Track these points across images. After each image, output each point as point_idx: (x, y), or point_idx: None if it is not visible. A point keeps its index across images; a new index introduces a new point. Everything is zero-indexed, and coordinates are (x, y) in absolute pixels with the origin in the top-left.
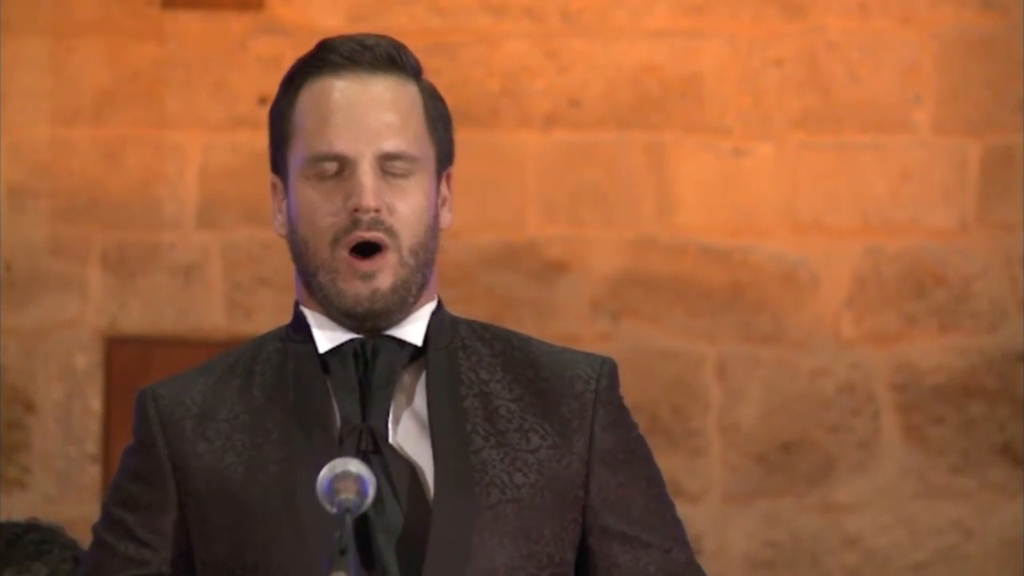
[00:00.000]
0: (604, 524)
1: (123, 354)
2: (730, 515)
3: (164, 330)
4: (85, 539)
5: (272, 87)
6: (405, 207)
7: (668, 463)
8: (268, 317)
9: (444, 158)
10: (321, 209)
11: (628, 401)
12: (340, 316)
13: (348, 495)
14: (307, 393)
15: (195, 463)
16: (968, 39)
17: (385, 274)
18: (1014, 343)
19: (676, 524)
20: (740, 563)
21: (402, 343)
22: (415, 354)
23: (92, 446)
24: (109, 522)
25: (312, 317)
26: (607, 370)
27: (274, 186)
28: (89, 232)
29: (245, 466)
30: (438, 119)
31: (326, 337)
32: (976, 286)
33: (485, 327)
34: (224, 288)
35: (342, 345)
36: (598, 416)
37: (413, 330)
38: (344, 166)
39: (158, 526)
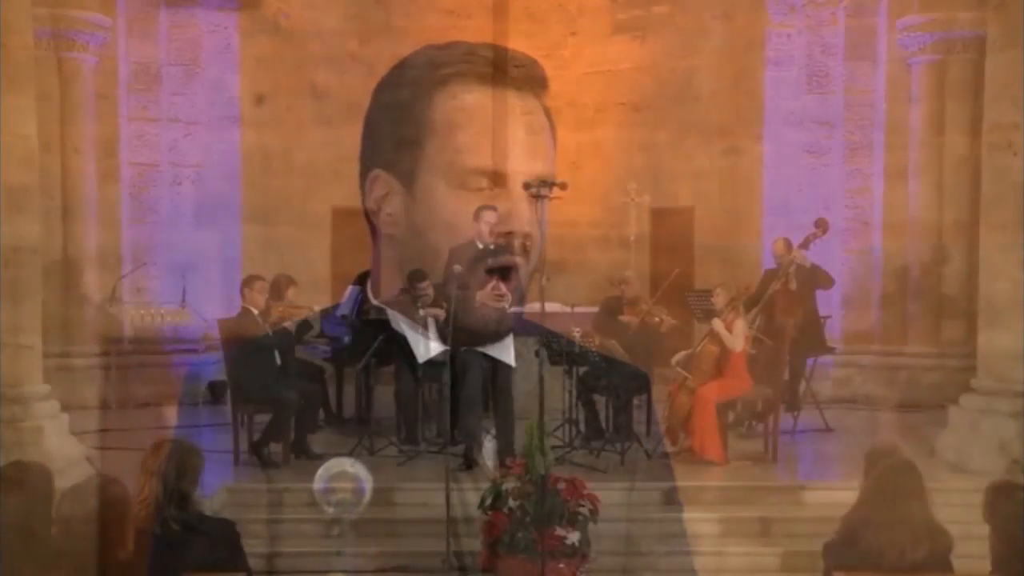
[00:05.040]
0: None
1: (124, 353)
2: (732, 515)
3: (163, 329)
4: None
5: (271, 86)
6: (539, 233)
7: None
8: None
9: None
10: (466, 221)
11: None
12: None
13: (345, 495)
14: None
15: None
16: (968, 39)
17: (510, 297)
18: (1015, 343)
19: None
20: (743, 563)
21: (488, 358)
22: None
23: (91, 446)
24: None
25: (397, 317)
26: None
27: (377, 178)
28: (89, 231)
29: None
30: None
31: (420, 345)
32: (976, 285)
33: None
34: (223, 286)
35: (436, 356)
36: None
37: (506, 349)
38: (496, 183)
39: None
